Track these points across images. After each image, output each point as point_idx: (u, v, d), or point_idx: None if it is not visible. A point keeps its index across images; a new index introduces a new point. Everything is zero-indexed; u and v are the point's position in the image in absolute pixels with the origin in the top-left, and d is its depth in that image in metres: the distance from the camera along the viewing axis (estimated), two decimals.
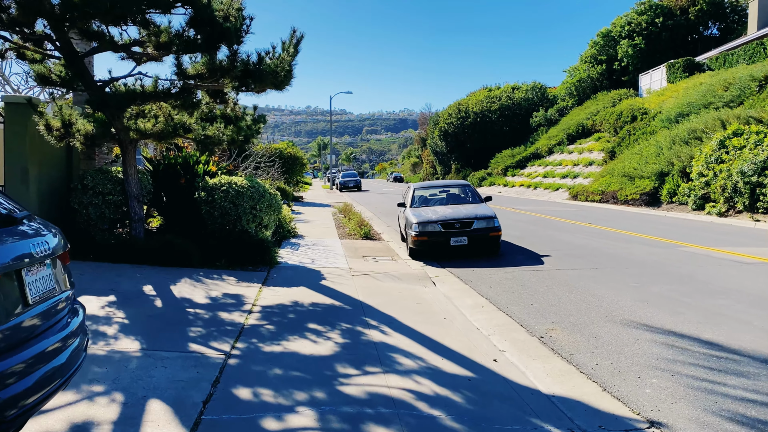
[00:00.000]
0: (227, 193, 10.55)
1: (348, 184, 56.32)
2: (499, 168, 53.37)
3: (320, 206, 30.32)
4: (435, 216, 12.54)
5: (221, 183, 10.70)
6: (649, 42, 50.48)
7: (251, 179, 11.08)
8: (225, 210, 10.56)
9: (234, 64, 8.16)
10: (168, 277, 8.83)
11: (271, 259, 10.55)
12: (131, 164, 9.90)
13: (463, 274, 10.69)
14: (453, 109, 63.68)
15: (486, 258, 12.38)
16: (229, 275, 9.41)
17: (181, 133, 9.13)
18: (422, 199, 14.41)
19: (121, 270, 9.11)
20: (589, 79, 56.08)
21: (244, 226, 10.67)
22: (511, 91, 64.06)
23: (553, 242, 14.53)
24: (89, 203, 10.11)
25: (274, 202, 11.10)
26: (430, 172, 74.51)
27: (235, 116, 10.33)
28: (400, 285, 9.65)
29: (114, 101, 8.53)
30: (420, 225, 12.29)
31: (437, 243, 12.23)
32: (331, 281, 9.53)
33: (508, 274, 10.60)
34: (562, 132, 49.13)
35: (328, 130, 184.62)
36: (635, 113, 38.99)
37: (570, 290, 9.11)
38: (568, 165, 42.25)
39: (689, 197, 23.53)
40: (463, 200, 14.31)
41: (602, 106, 46.97)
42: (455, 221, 12.29)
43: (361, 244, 14.55)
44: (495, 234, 12.31)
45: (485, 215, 12.47)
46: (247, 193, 10.60)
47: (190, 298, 7.77)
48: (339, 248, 13.50)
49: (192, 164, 11.70)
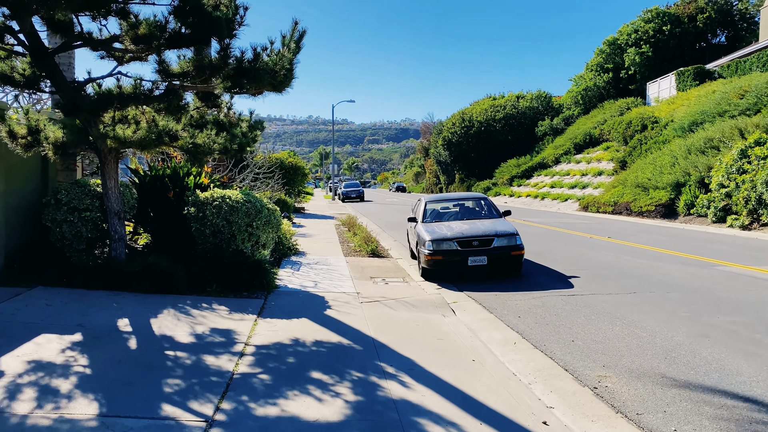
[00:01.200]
0: (220, 208, 9.38)
1: (350, 195, 55.03)
2: (504, 178, 52.27)
3: (322, 218, 29.13)
4: (450, 233, 11.33)
5: (213, 197, 9.54)
6: (656, 50, 49.58)
7: (247, 193, 9.92)
8: (217, 227, 9.39)
9: (225, 60, 7.01)
10: (149, 308, 7.64)
11: (269, 283, 9.36)
12: (111, 176, 8.74)
13: (485, 300, 9.49)
14: (457, 119, 62.66)
15: (507, 280, 11.18)
16: (221, 304, 8.21)
17: (166, 141, 7.97)
18: (435, 214, 13.18)
19: (96, 298, 7.93)
20: (596, 88, 55.11)
21: (239, 246, 9.49)
22: (516, 100, 63.11)
23: (576, 260, 13.33)
24: (63, 220, 8.94)
25: (273, 218, 9.93)
26: (433, 182, 73.38)
27: (228, 122, 9.18)
28: (415, 314, 8.45)
29: (87, 105, 7.36)
30: (434, 243, 11.09)
31: (453, 263, 11.03)
32: (337, 310, 8.32)
33: (537, 300, 9.40)
34: (569, 141, 48.13)
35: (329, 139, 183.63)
36: (645, 122, 37.99)
37: (612, 321, 7.92)
38: (576, 175, 41.24)
39: (709, 209, 22.37)
40: (480, 215, 13.09)
41: (609, 115, 46.04)
42: (473, 239, 11.09)
43: (367, 262, 13.35)
44: (517, 253, 11.11)
45: (506, 232, 11.27)
46: (243, 208, 9.43)
47: (172, 335, 6.57)
48: (344, 268, 12.31)
49: (182, 176, 10.54)
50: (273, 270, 10.85)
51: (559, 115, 57.58)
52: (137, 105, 7.64)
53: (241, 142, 8.78)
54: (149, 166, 10.76)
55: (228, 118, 9.28)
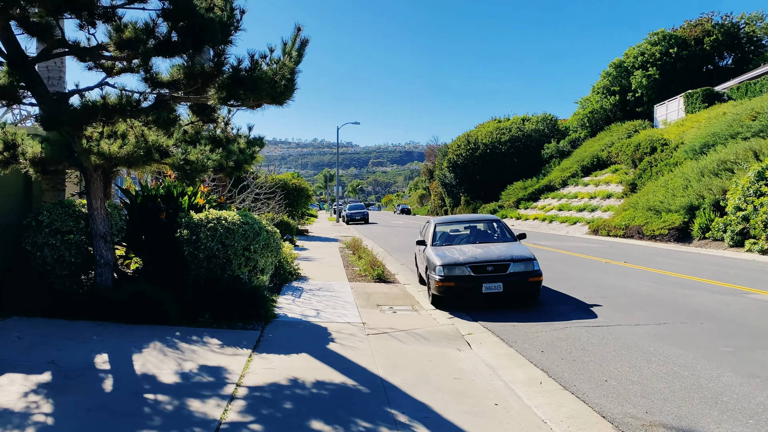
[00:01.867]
0: (215, 231, 8.66)
1: (355, 217, 54.32)
2: (510, 200, 51.59)
3: (326, 241, 28.39)
4: (463, 257, 10.56)
5: (208, 219, 8.83)
6: (663, 72, 49.19)
7: (245, 214, 9.21)
8: (212, 251, 8.67)
9: (220, 68, 6.36)
10: (133, 341, 6.89)
11: (267, 312, 8.59)
12: (97, 196, 8.05)
13: (503, 332, 8.70)
14: (462, 141, 62.20)
15: (524, 308, 10.39)
16: (213, 336, 7.45)
17: (156, 157, 7.28)
18: (445, 237, 12.42)
19: (76, 330, 7.18)
20: (602, 110, 54.68)
21: (235, 271, 8.76)
22: (521, 122, 62.70)
23: (596, 287, 12.54)
24: (45, 244, 8.23)
25: (272, 242, 9.20)
26: (438, 204, 72.74)
27: (225, 138, 8.50)
28: (428, 349, 7.66)
29: (68, 117, 6.70)
30: (445, 268, 10.32)
31: (466, 290, 10.25)
32: (341, 344, 7.55)
33: (560, 331, 8.60)
34: (576, 164, 47.57)
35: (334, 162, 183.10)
36: (654, 144, 37.44)
37: (647, 357, 7.12)
38: (585, 198, 40.61)
39: (725, 233, 21.59)
40: (493, 238, 12.32)
41: (617, 138, 45.56)
42: (487, 263, 10.32)
43: (373, 288, 12.58)
44: (535, 279, 10.33)
45: (523, 257, 10.50)
46: (239, 230, 8.71)
47: (155, 374, 5.81)
48: (349, 294, 11.54)
49: (176, 196, 9.86)
50: (272, 297, 10.10)
51: (566, 137, 57.12)
52: (123, 117, 6.96)
53: (238, 159, 8.09)
54: (141, 185, 10.08)
55: (225, 133, 8.61)
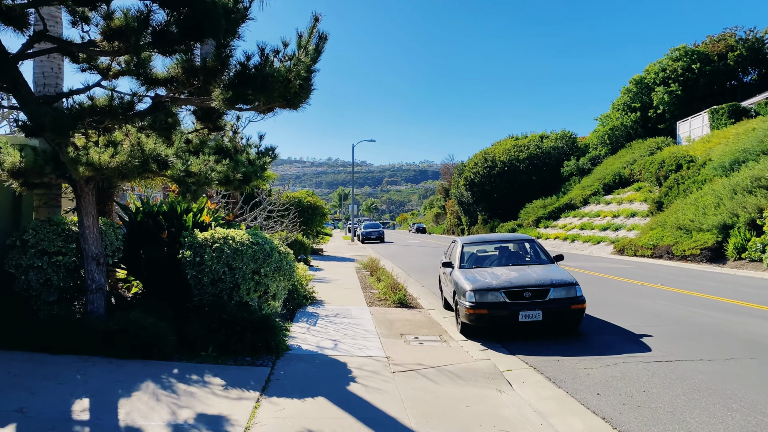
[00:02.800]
0: (220, 252, 7.70)
1: (370, 236, 53.28)
2: (530, 219, 50.39)
3: (342, 260, 27.39)
4: (496, 282, 9.50)
5: (214, 238, 7.88)
6: (685, 88, 48.10)
7: (255, 233, 8.26)
8: (217, 275, 7.70)
9: (224, 62, 5.45)
10: (122, 381, 5.92)
11: (278, 344, 7.58)
12: (88, 212, 7.14)
13: (547, 368, 7.63)
14: (479, 158, 61.22)
15: (565, 338, 9.30)
16: (216, 374, 6.45)
17: (153, 168, 6.37)
18: (474, 258, 11.34)
19: (59, 367, 6.23)
20: (623, 127, 53.60)
21: (243, 297, 7.78)
22: (540, 139, 61.65)
23: (639, 313, 11.41)
24: (30, 266, 7.32)
25: (285, 264, 8.22)
26: (454, 223, 71.64)
27: (234, 148, 7.58)
28: (464, 390, 6.60)
29: (50, 122, 5.81)
30: (476, 294, 9.27)
31: (500, 318, 9.17)
32: (364, 385, 6.51)
33: (613, 368, 7.50)
34: (597, 182, 46.47)
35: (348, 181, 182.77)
36: (680, 161, 36.34)
37: (726, 404, 6.02)
38: (608, 216, 39.46)
39: (764, 253, 20.34)
40: (527, 259, 11.22)
41: (639, 155, 44.55)
42: (524, 289, 9.25)
43: (395, 314, 11.53)
44: (578, 307, 9.23)
45: (563, 281, 9.42)
46: (248, 251, 7.74)
47: (142, 427, 4.82)
48: (369, 321, 10.51)
49: (179, 213, 8.94)
50: (284, 326, 9.10)
51: (585, 155, 56.05)
52: (115, 122, 6.07)
53: (246, 171, 7.14)
54: (142, 201, 9.18)
55: (233, 143, 7.70)
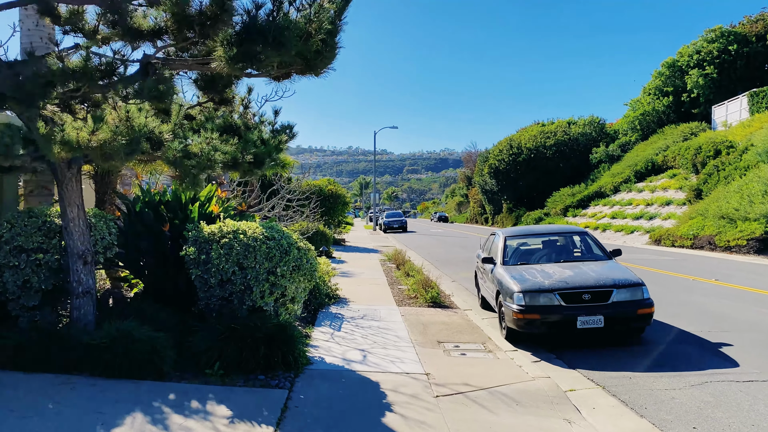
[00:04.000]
0: (230, 248, 6.52)
1: (393, 225, 52.05)
2: (557, 207, 48.72)
3: (365, 251, 26.21)
4: (549, 281, 8.19)
5: (222, 232, 6.70)
6: (721, 71, 45.93)
7: (270, 226, 7.06)
8: (226, 275, 6.53)
9: (225, 7, 4.23)
10: (104, 411, 4.77)
11: (298, 357, 6.38)
12: (72, 202, 6.00)
13: (618, 388, 6.33)
14: (504, 145, 59.52)
15: (628, 347, 7.98)
16: (221, 400, 5.28)
17: (145, 147, 5.18)
18: (519, 253, 9.97)
19: (32, 391, 5.10)
20: (654, 112, 51.54)
21: (257, 302, 6.60)
22: (567, 126, 59.73)
23: (704, 314, 10.03)
24: (5, 265, 6.21)
25: (305, 262, 7.01)
26: (478, 212, 70.11)
27: (244, 125, 6.37)
28: (525, 422, 5.34)
29: (13, 89, 4.65)
30: (526, 295, 7.97)
31: (554, 324, 7.87)
32: (403, 415, 5.28)
33: (700, 390, 6.19)
34: (628, 169, 44.72)
35: (369, 170, 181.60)
36: (719, 147, 34.57)
37: None
38: (640, 205, 37.83)
39: None
40: (581, 255, 9.86)
41: (672, 141, 42.76)
42: (583, 290, 7.92)
43: (429, 315, 10.29)
44: (645, 311, 7.87)
45: (628, 281, 8.08)
46: (262, 248, 6.55)
47: None
48: (400, 325, 9.28)
49: (184, 203, 7.77)
50: (305, 331, 7.91)
51: (615, 141, 54.18)
52: (94, 90, 4.90)
53: (259, 152, 5.93)
54: (142, 189, 8.02)
55: (244, 119, 6.49)
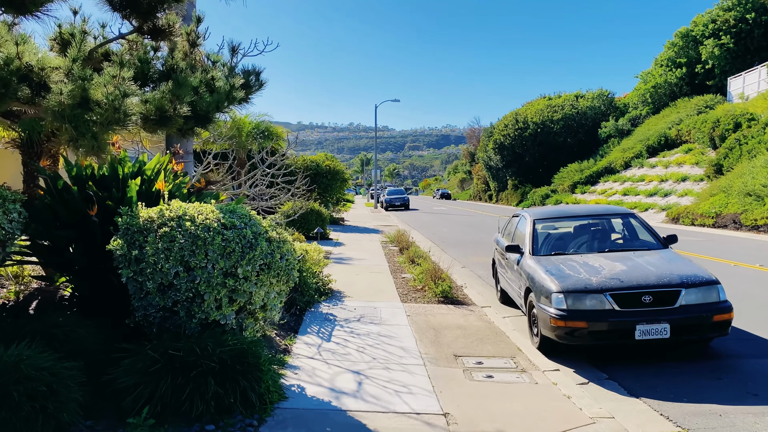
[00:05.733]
0: (170, 240, 4.70)
1: (395, 203, 50.04)
2: (565, 184, 46.85)
3: (365, 232, 24.39)
4: (597, 279, 6.35)
5: (164, 218, 4.88)
6: (738, 41, 43.75)
7: (233, 209, 5.22)
8: (166, 278, 4.72)
9: None
10: None
11: (265, 393, 4.59)
12: None
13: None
14: (509, 120, 57.47)
15: (695, 360, 6.21)
16: None
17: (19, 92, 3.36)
18: (552, 241, 8.03)
19: None
20: (667, 85, 49.38)
21: (210, 314, 4.79)
22: (575, 99, 57.62)
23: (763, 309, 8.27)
24: None
25: (279, 259, 5.18)
26: (481, 189, 68.22)
27: (189, 67, 4.51)
28: None
29: None
30: (569, 297, 6.15)
31: (606, 334, 6.06)
32: None
33: None
34: (639, 144, 42.89)
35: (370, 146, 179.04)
36: (739, 120, 32.69)
37: None
38: (654, 181, 36.11)
39: None
40: (624, 242, 7.99)
41: (685, 114, 40.94)
42: (642, 290, 6.10)
43: (440, 315, 8.48)
44: (723, 318, 6.05)
45: (698, 278, 6.25)
46: (216, 240, 4.72)
47: None
48: (406, 330, 7.46)
49: (122, 177, 5.91)
50: (285, 344, 6.10)
51: (625, 115, 52.14)
52: None
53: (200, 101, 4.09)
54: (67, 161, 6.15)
55: (189, 60, 4.62)
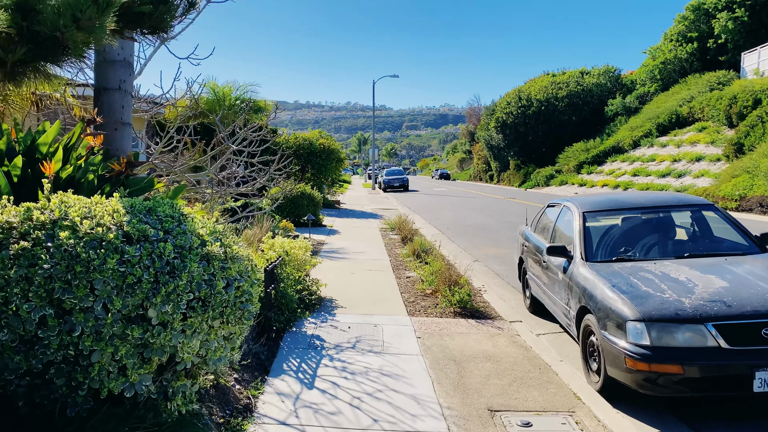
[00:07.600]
0: (32, 263, 2.79)
1: (393, 183, 47.82)
2: (570, 164, 44.90)
3: (363, 216, 22.44)
4: (689, 301, 4.42)
5: (30, 222, 2.97)
6: (753, 14, 41.59)
7: (159, 204, 3.32)
8: (27, 328, 2.83)
9: None
10: None
11: None
12: None
13: None
14: (512, 97, 55.33)
15: None
16: None
17: None
18: (611, 242, 6.08)
19: None
20: (677, 60, 47.28)
21: (104, 382, 2.92)
22: (580, 76, 55.48)
23: None
24: None
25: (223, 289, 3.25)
26: (482, 169, 66.23)
27: None
28: None
29: None
30: (654, 328, 4.22)
31: (709, 383, 4.18)
32: None
33: None
34: (649, 122, 41.06)
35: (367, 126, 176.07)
36: (758, 96, 30.74)
37: None
38: (666, 161, 34.29)
39: None
40: (706, 242, 6.04)
41: (697, 91, 39.12)
42: (762, 320, 4.25)
43: (460, 337, 6.56)
44: None
45: None
46: (109, 263, 2.80)
47: None
48: (417, 364, 5.54)
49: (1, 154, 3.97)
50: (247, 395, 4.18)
51: (632, 92, 50.17)
52: None
53: None
54: None
55: None
